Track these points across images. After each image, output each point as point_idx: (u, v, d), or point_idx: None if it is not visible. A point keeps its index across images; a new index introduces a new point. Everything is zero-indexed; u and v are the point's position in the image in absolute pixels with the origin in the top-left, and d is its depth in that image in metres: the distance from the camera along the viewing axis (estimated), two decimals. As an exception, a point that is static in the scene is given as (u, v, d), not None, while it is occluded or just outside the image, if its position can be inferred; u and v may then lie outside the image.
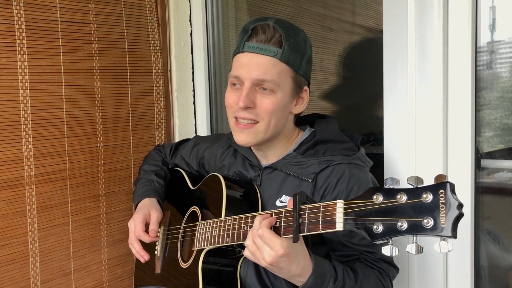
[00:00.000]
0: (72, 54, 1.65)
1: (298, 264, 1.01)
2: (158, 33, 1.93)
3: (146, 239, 1.40)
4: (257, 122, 1.24)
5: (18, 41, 1.51)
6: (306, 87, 1.31)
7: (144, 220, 1.42)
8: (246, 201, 1.32)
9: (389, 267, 1.21)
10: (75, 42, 1.66)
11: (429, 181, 0.82)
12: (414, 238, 0.81)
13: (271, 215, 1.04)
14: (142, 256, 1.40)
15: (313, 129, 1.36)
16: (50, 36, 1.59)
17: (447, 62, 1.37)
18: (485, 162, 1.43)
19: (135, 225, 1.41)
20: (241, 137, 1.27)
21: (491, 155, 1.44)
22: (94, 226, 1.75)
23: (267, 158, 1.35)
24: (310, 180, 1.23)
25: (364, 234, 0.85)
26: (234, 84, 1.26)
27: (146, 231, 1.41)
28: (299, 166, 1.26)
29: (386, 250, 0.84)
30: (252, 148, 1.37)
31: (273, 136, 1.29)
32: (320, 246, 1.24)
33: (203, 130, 2.01)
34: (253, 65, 1.21)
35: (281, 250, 0.97)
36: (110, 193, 1.79)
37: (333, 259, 1.21)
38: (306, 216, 0.96)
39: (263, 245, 1.00)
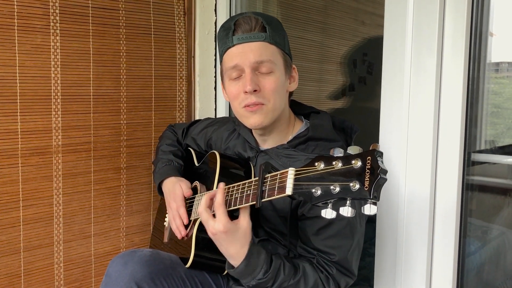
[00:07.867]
0: (101, 38, 1.81)
1: (235, 247, 1.13)
2: (184, 21, 2.05)
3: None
4: (263, 105, 1.29)
5: (52, 23, 1.69)
6: (293, 65, 1.38)
7: (184, 197, 1.49)
8: (239, 177, 1.41)
9: (342, 274, 1.24)
10: (104, 27, 1.81)
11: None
12: (348, 201, 0.87)
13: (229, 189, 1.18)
14: (180, 231, 1.43)
15: (309, 125, 1.40)
16: (81, 20, 1.75)
17: (442, 59, 1.39)
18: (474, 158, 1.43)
19: (176, 204, 1.47)
20: (255, 119, 1.30)
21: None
22: (114, 196, 1.90)
23: (266, 142, 1.41)
24: None
25: (306, 197, 0.92)
26: (233, 79, 1.32)
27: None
28: (288, 158, 1.33)
29: (324, 213, 0.90)
30: (253, 132, 1.45)
31: (279, 115, 1.34)
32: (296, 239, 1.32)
33: (222, 114, 2.09)
34: (248, 51, 1.28)
35: (221, 226, 1.11)
36: (130, 166, 1.94)
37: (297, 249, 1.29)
38: (268, 183, 1.04)
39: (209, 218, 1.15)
